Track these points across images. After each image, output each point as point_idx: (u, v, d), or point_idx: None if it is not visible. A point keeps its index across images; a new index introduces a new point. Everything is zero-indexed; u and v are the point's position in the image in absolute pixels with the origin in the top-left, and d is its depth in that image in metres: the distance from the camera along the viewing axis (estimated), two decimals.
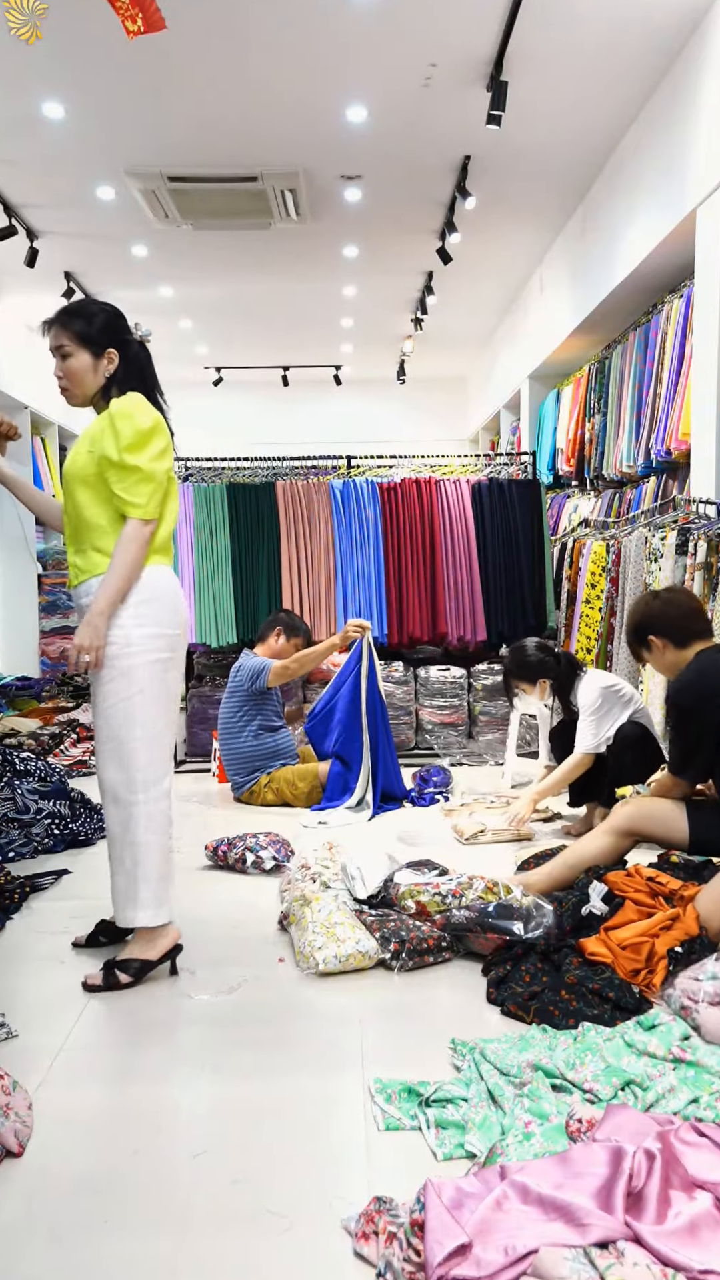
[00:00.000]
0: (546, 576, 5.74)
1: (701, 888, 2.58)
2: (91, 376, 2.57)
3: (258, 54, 4.63)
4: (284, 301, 8.69)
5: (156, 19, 2.77)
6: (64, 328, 2.56)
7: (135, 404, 2.51)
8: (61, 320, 2.57)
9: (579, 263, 6.58)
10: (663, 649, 3.10)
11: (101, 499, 2.52)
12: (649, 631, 3.12)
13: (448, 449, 9.54)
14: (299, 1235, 1.57)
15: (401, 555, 5.56)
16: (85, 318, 2.57)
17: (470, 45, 4.56)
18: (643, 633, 3.15)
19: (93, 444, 2.53)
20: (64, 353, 2.55)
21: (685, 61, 4.60)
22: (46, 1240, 1.58)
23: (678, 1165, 1.53)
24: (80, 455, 2.55)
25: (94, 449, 2.52)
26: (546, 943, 2.51)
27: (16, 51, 4.41)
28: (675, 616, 3.10)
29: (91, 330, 2.56)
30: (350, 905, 2.87)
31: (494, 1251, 1.37)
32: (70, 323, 2.56)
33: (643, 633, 3.15)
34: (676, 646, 3.08)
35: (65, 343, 2.55)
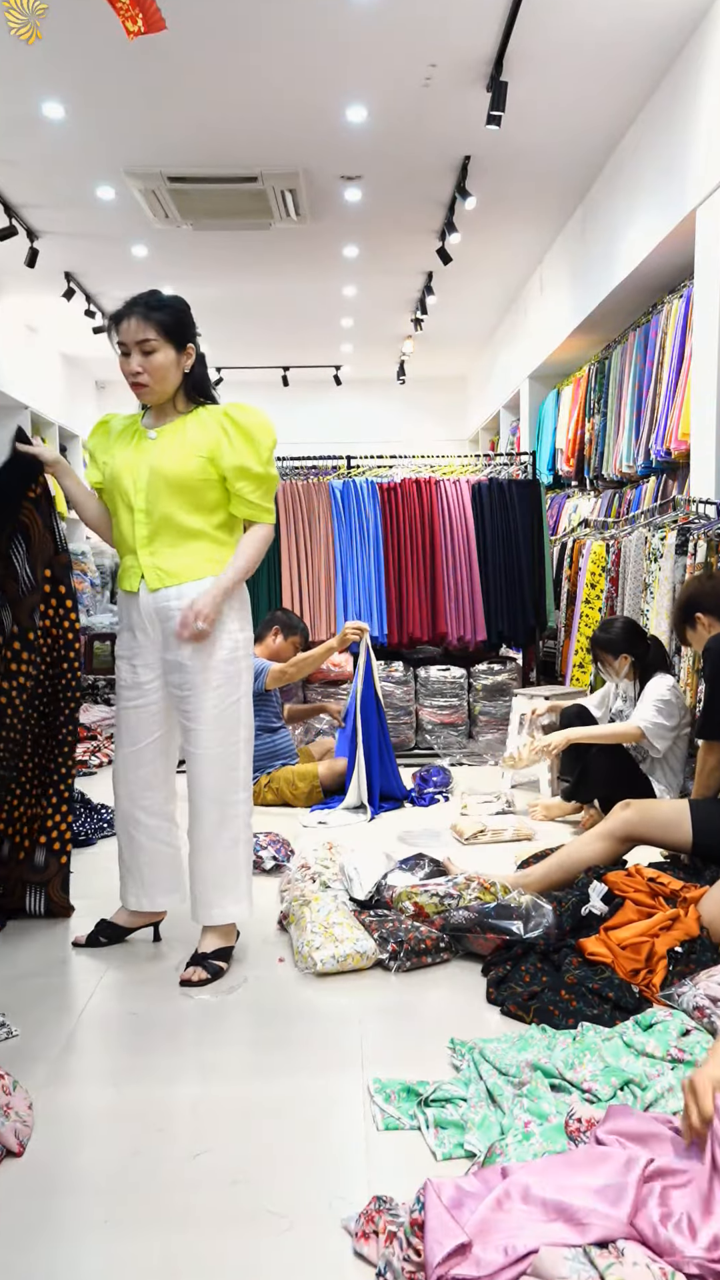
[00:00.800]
0: (546, 576, 5.74)
1: (705, 890, 2.58)
2: (174, 372, 2.49)
3: (258, 54, 4.63)
4: (284, 301, 8.69)
5: (156, 19, 2.77)
6: (148, 321, 2.44)
7: (262, 413, 2.51)
8: (143, 312, 2.45)
9: (579, 263, 6.58)
10: (709, 626, 3.13)
11: (205, 505, 2.50)
12: (697, 608, 3.17)
13: (448, 449, 9.55)
14: (299, 1235, 1.57)
15: (401, 555, 5.56)
16: (169, 310, 2.47)
17: (470, 45, 4.56)
18: (691, 609, 3.20)
19: (211, 451, 2.47)
20: (149, 348, 2.44)
21: (685, 61, 4.60)
22: (46, 1240, 1.58)
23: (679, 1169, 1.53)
24: (187, 460, 2.46)
25: (211, 455, 2.47)
26: (546, 943, 2.51)
27: (16, 51, 4.41)
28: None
29: (175, 323, 2.48)
30: (349, 905, 2.87)
31: (494, 1251, 1.37)
32: (153, 315, 2.45)
33: (691, 609, 3.20)
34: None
35: (151, 336, 2.44)
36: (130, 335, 2.45)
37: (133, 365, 2.46)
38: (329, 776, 4.54)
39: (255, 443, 2.46)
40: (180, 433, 2.50)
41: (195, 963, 2.56)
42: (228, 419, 2.48)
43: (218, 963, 2.56)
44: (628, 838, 2.92)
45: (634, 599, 4.69)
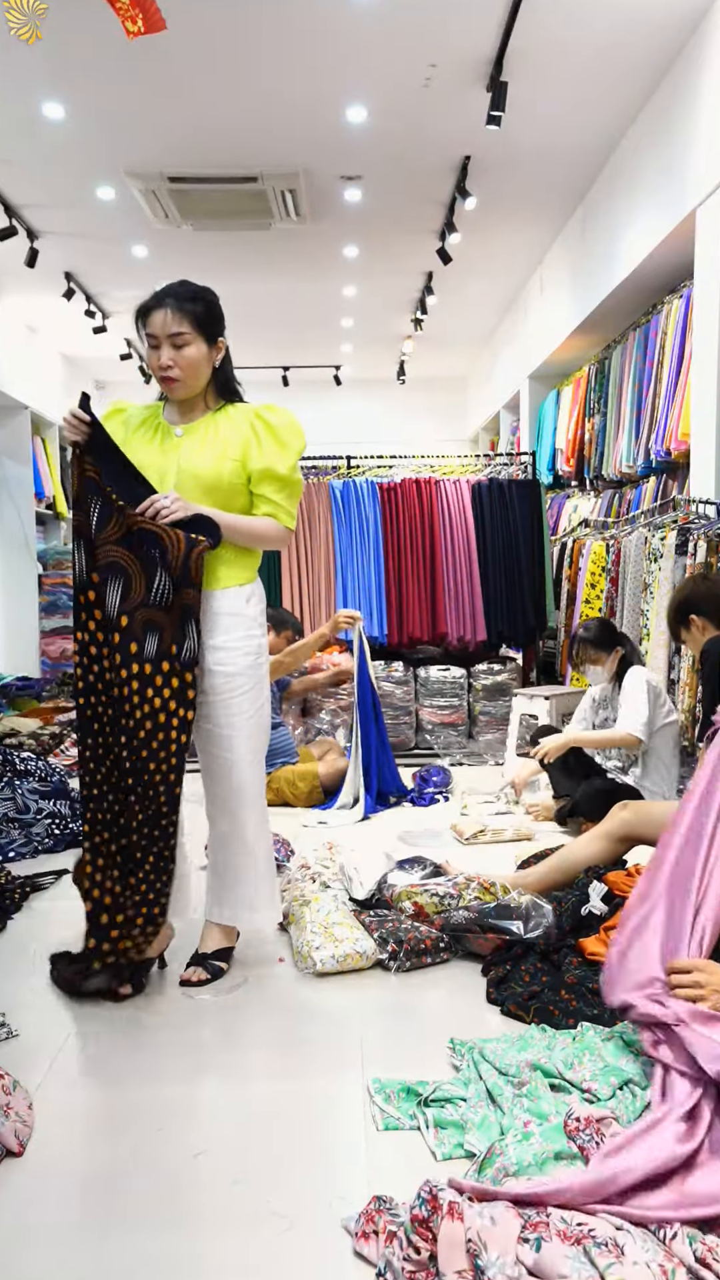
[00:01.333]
0: (546, 576, 5.74)
1: None
2: (205, 367, 2.40)
3: (258, 54, 4.63)
4: (284, 301, 8.69)
5: (156, 19, 2.77)
6: (181, 312, 2.34)
7: (294, 416, 2.46)
8: (175, 304, 2.34)
9: (579, 263, 6.58)
10: (702, 628, 3.13)
11: (235, 509, 2.42)
12: (692, 610, 3.16)
13: (448, 449, 9.54)
14: (299, 1235, 1.57)
15: (401, 555, 5.56)
16: (201, 302, 2.39)
17: (470, 45, 4.56)
18: (685, 610, 3.19)
19: (243, 453, 2.40)
20: (181, 340, 2.34)
21: (685, 61, 4.60)
22: (47, 1240, 1.58)
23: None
24: (221, 462, 2.39)
25: (242, 457, 2.40)
26: (546, 943, 2.51)
27: (16, 51, 4.41)
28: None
29: (208, 316, 2.39)
30: (349, 905, 2.87)
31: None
32: (186, 307, 2.35)
33: (685, 610, 3.19)
34: (717, 627, 3.11)
35: (186, 330, 2.34)
36: (162, 327, 2.34)
37: (163, 359, 2.36)
38: (329, 776, 4.54)
39: (285, 446, 2.40)
40: (210, 432, 2.42)
41: (196, 963, 2.53)
42: (259, 420, 2.41)
43: (218, 963, 2.54)
44: (626, 838, 2.92)
45: (634, 599, 4.69)
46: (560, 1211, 1.45)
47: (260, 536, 2.43)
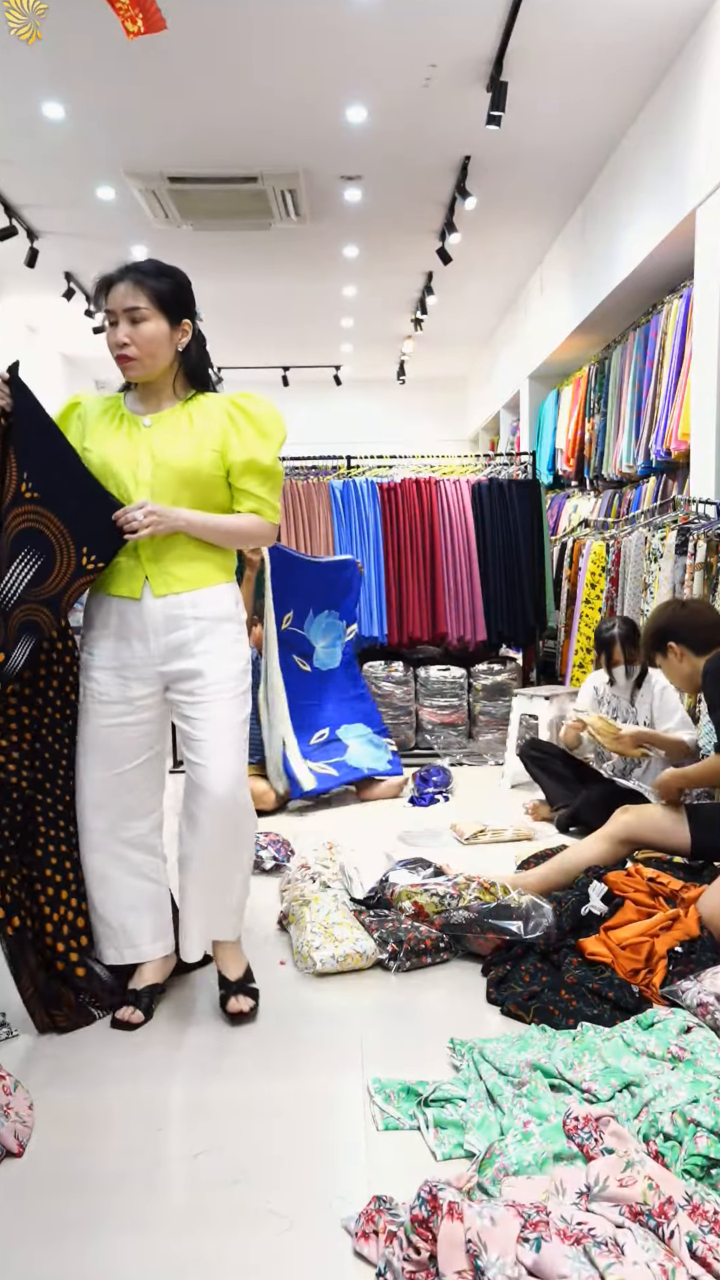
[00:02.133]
0: (546, 576, 5.74)
1: (704, 888, 2.58)
2: (166, 348, 2.23)
3: (258, 54, 4.63)
4: (284, 301, 8.69)
5: (157, 19, 2.77)
6: (140, 286, 2.19)
7: (272, 405, 2.33)
8: (135, 277, 2.19)
9: (579, 263, 6.58)
10: (680, 656, 3.09)
11: (212, 503, 2.27)
12: (671, 637, 3.11)
13: (448, 449, 9.54)
14: (299, 1235, 1.57)
15: (401, 555, 5.56)
16: (167, 279, 2.23)
17: (470, 45, 4.56)
18: (663, 638, 3.14)
19: (221, 444, 2.24)
20: (138, 316, 2.18)
21: (685, 62, 4.60)
22: (47, 1240, 1.58)
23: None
24: (199, 453, 2.22)
25: (221, 449, 2.24)
26: (546, 942, 2.51)
27: (16, 51, 4.41)
28: (701, 625, 3.10)
29: (171, 294, 2.22)
30: (349, 905, 2.87)
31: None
32: (146, 281, 2.19)
33: (663, 638, 3.14)
34: (696, 654, 3.06)
35: (142, 304, 2.18)
36: (119, 301, 2.19)
37: (119, 335, 2.20)
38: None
39: (267, 436, 2.27)
40: (183, 421, 2.25)
41: (236, 992, 2.35)
42: (236, 409, 2.27)
43: (253, 984, 2.41)
44: (627, 840, 2.93)
45: (634, 599, 4.69)
46: (560, 1210, 1.45)
47: (249, 535, 2.30)
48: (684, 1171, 1.59)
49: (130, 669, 2.27)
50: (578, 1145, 1.68)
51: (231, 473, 2.26)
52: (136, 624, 2.25)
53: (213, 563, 2.29)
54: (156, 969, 2.42)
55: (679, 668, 3.13)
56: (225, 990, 2.36)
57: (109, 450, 2.23)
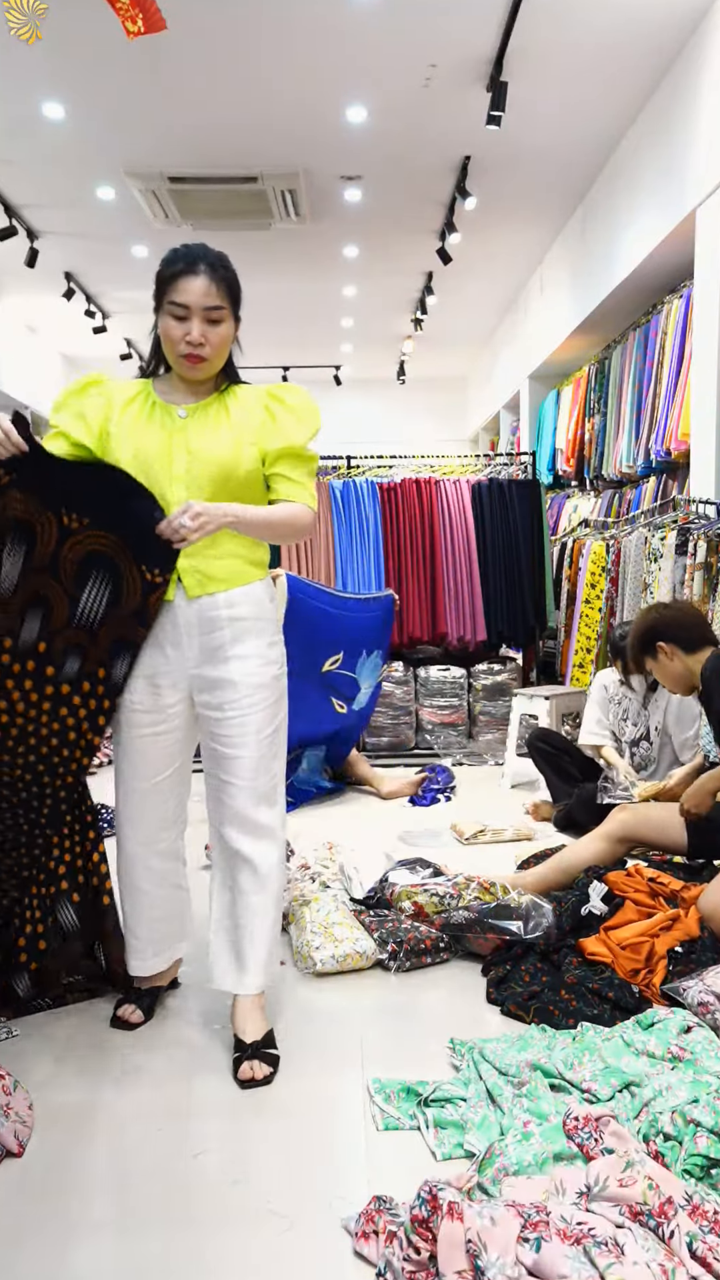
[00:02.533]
0: (546, 576, 5.74)
1: (703, 888, 2.58)
2: (229, 346, 2.14)
3: (258, 54, 4.63)
4: (284, 301, 8.69)
5: (156, 19, 2.77)
6: (220, 284, 2.05)
7: (310, 396, 2.22)
8: (216, 274, 2.05)
9: (579, 263, 6.58)
10: (671, 655, 3.09)
11: (248, 501, 2.13)
12: (660, 638, 3.11)
13: (448, 449, 9.55)
14: (299, 1235, 1.57)
15: (401, 555, 5.56)
16: (231, 272, 2.10)
17: (470, 45, 4.56)
18: (651, 639, 3.13)
19: (258, 436, 2.13)
20: (218, 316, 2.06)
21: (685, 62, 4.60)
22: (46, 1240, 1.58)
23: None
24: (240, 447, 2.11)
25: (259, 440, 2.13)
26: (546, 942, 2.51)
27: (16, 51, 4.41)
28: (687, 624, 3.12)
29: (238, 291, 2.11)
30: (349, 905, 2.87)
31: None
32: (223, 275, 2.06)
33: (651, 639, 3.13)
34: (686, 653, 3.07)
35: (224, 303, 2.06)
36: (198, 298, 2.03)
37: (194, 334, 2.04)
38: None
39: (302, 422, 2.16)
40: (220, 414, 2.13)
41: (251, 1056, 2.08)
42: (274, 400, 2.17)
43: (273, 1050, 2.13)
44: (625, 839, 2.93)
45: (634, 599, 4.69)
46: (560, 1210, 1.45)
47: (293, 524, 2.15)
48: (684, 1172, 1.59)
49: (163, 675, 2.15)
50: (578, 1145, 1.68)
51: (267, 460, 2.15)
52: (170, 628, 2.13)
53: (247, 559, 2.18)
54: (164, 972, 2.38)
55: (671, 667, 3.13)
56: (240, 1053, 2.10)
57: (143, 441, 2.09)
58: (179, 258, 2.06)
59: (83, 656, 2.12)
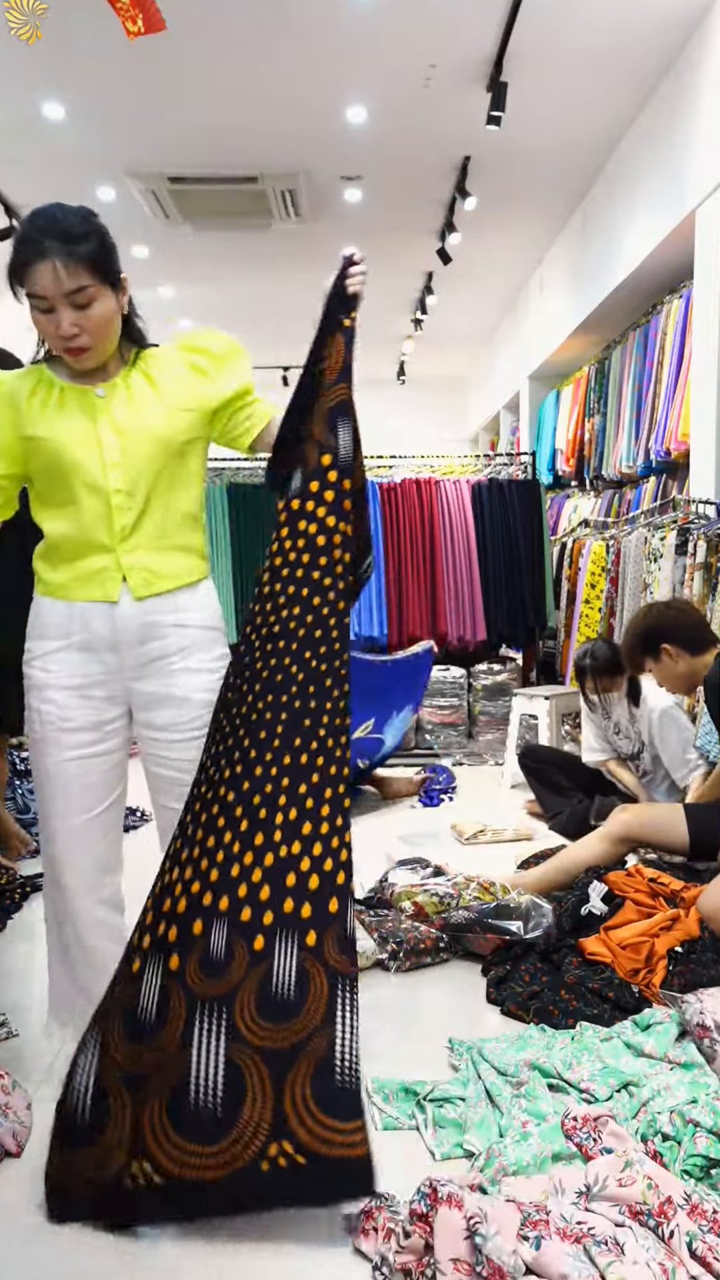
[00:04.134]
0: (546, 576, 5.74)
1: (703, 888, 2.58)
2: (118, 320, 1.82)
3: (258, 54, 4.63)
4: (284, 301, 8.68)
5: (157, 19, 2.77)
6: (76, 261, 1.71)
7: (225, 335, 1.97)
8: (65, 250, 1.70)
9: (579, 263, 6.58)
10: (675, 657, 3.06)
11: (189, 475, 1.91)
12: (663, 639, 3.07)
13: (448, 449, 9.54)
14: (299, 1233, 1.57)
15: (401, 555, 5.56)
16: (95, 236, 1.75)
17: (470, 45, 4.56)
18: (654, 640, 3.10)
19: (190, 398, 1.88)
20: (84, 298, 1.74)
21: (685, 62, 4.60)
22: (46, 1240, 1.58)
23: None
24: (174, 416, 1.86)
25: (194, 404, 1.88)
26: (546, 943, 2.51)
27: (16, 51, 4.41)
28: (690, 624, 3.10)
29: (106, 255, 1.76)
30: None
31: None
32: (80, 250, 1.71)
33: (654, 640, 3.10)
34: (691, 654, 3.05)
35: (87, 282, 1.73)
36: (52, 286, 1.71)
37: (64, 325, 1.75)
38: None
39: (240, 367, 1.95)
40: (141, 383, 1.86)
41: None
42: (192, 352, 1.91)
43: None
44: (625, 839, 2.93)
45: (634, 599, 4.69)
46: (560, 1210, 1.45)
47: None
48: (684, 1172, 1.59)
49: (99, 687, 1.88)
50: (576, 1145, 1.68)
51: (220, 412, 1.93)
52: (106, 633, 1.85)
53: (195, 551, 1.94)
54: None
55: (673, 669, 3.12)
56: None
57: (62, 434, 1.81)
58: (22, 240, 1.72)
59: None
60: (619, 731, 3.94)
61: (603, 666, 3.81)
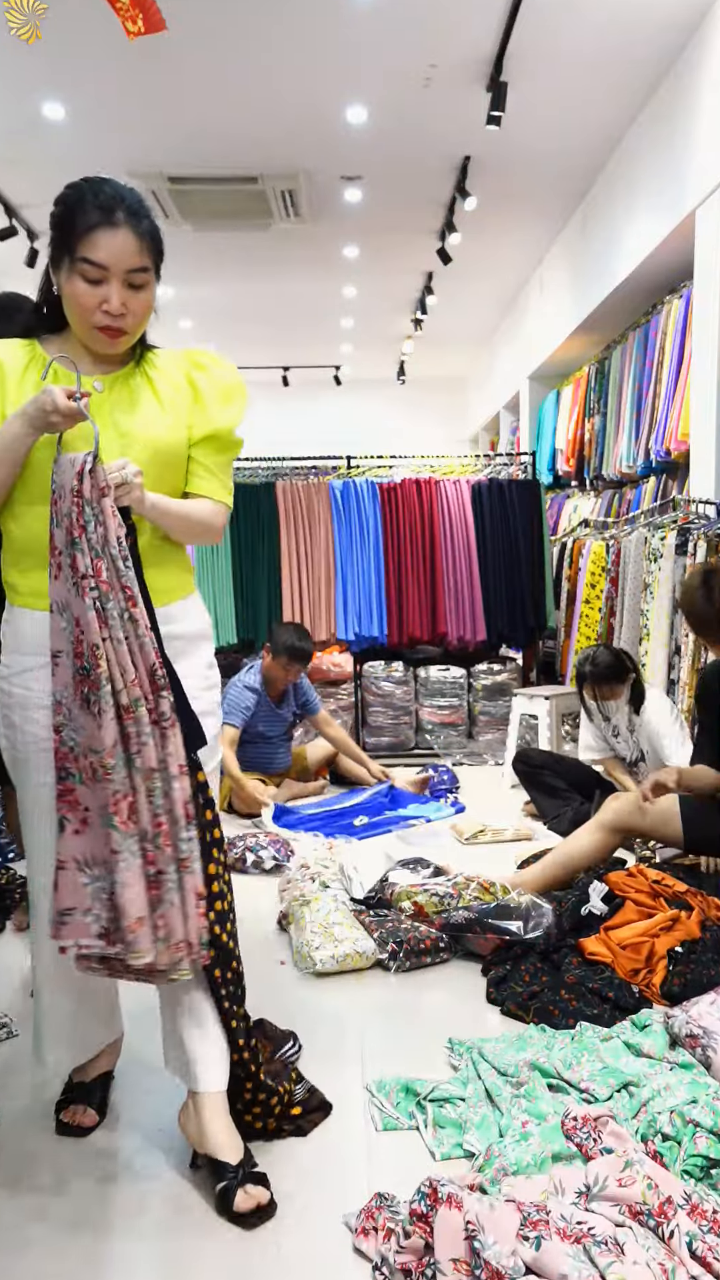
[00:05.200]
0: (546, 576, 5.74)
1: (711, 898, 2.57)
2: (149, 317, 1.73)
3: (258, 54, 4.63)
4: (284, 301, 8.69)
5: (157, 20, 2.77)
6: (145, 241, 1.63)
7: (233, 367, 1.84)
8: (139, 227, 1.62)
9: (579, 263, 6.58)
10: None
11: (179, 489, 1.77)
12: None
13: (448, 449, 9.54)
14: (299, 1233, 1.57)
15: (401, 555, 5.56)
16: (155, 224, 1.69)
17: (470, 45, 4.56)
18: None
19: (186, 413, 1.74)
20: (140, 280, 1.64)
21: (685, 62, 4.60)
22: (46, 1240, 1.58)
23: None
24: (176, 426, 1.73)
25: (188, 419, 1.75)
26: (546, 942, 2.51)
27: (16, 52, 4.41)
28: None
29: (161, 244, 1.70)
30: (349, 905, 2.87)
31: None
32: (147, 227, 1.64)
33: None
34: None
35: (149, 264, 1.65)
36: (120, 258, 1.60)
37: (114, 302, 1.62)
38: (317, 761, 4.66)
39: (234, 403, 1.79)
40: (143, 386, 1.73)
41: (243, 1181, 1.65)
42: (196, 368, 1.78)
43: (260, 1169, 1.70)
44: (619, 828, 2.91)
45: (634, 599, 4.68)
46: (560, 1210, 1.45)
47: (209, 526, 1.78)
48: (684, 1172, 1.59)
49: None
50: (576, 1145, 1.68)
51: (200, 443, 1.77)
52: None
53: (183, 566, 1.82)
54: (108, 1055, 1.99)
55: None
56: (224, 1179, 1.65)
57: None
58: (93, 202, 1.60)
59: None
60: (617, 735, 3.94)
61: (603, 674, 3.79)
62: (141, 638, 1.55)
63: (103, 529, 1.52)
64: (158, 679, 1.57)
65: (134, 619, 1.55)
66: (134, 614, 1.55)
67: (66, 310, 1.67)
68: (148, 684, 1.56)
